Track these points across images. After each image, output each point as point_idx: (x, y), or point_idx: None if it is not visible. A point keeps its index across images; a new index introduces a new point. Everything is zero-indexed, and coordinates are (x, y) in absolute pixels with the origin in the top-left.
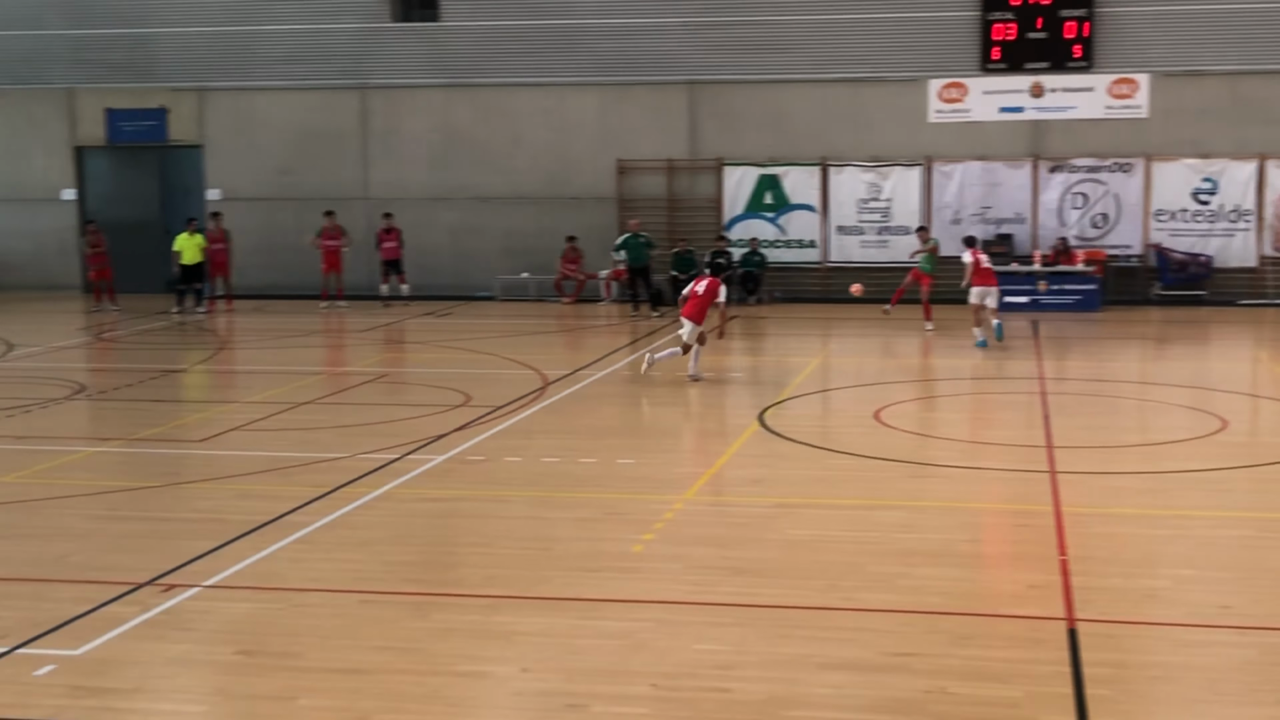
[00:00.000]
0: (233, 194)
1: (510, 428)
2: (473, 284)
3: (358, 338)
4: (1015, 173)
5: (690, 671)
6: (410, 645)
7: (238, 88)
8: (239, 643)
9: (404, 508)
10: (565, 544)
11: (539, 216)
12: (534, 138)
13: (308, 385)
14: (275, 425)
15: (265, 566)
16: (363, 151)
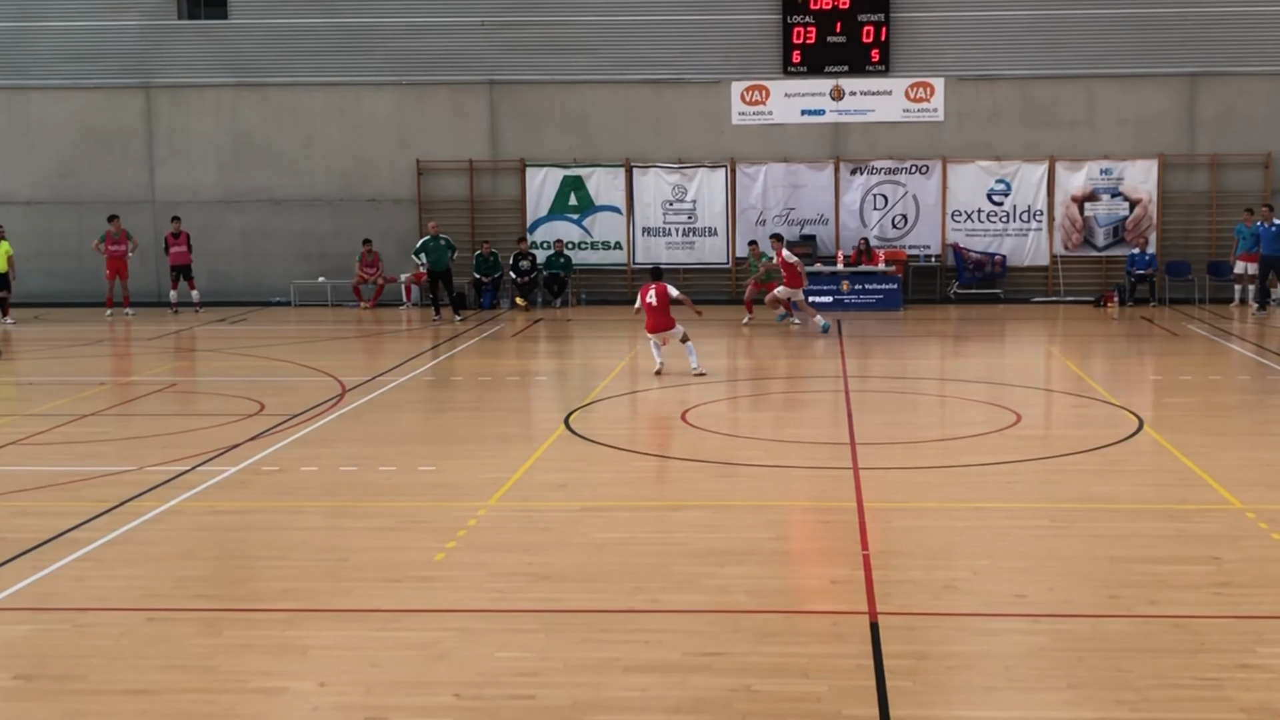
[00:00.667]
0: (7, 198)
1: (306, 436)
2: (267, 289)
3: (146, 346)
4: (817, 174)
5: (493, 680)
6: (201, 663)
7: (13, 86)
8: (16, 667)
9: (195, 521)
10: (364, 554)
11: (335, 219)
12: (328, 138)
13: (92, 396)
14: (57, 439)
15: (45, 586)
16: (148, 153)
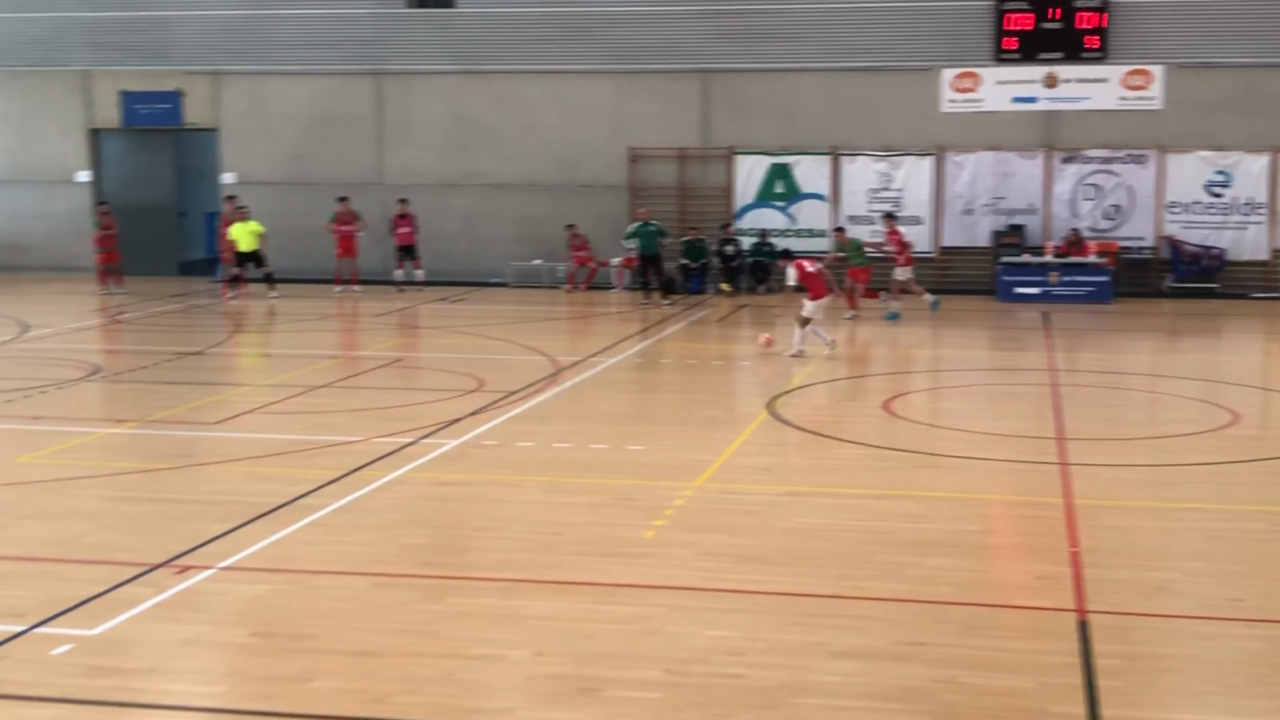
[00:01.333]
0: (248, 178)
1: (523, 413)
2: (486, 270)
3: (372, 322)
4: (1028, 163)
5: (701, 657)
6: (424, 628)
7: (253, 72)
8: (254, 624)
9: (418, 491)
10: (577, 529)
11: (551, 204)
12: (546, 125)
13: (323, 369)
14: (290, 408)
15: (280, 549)
16: (378, 137)
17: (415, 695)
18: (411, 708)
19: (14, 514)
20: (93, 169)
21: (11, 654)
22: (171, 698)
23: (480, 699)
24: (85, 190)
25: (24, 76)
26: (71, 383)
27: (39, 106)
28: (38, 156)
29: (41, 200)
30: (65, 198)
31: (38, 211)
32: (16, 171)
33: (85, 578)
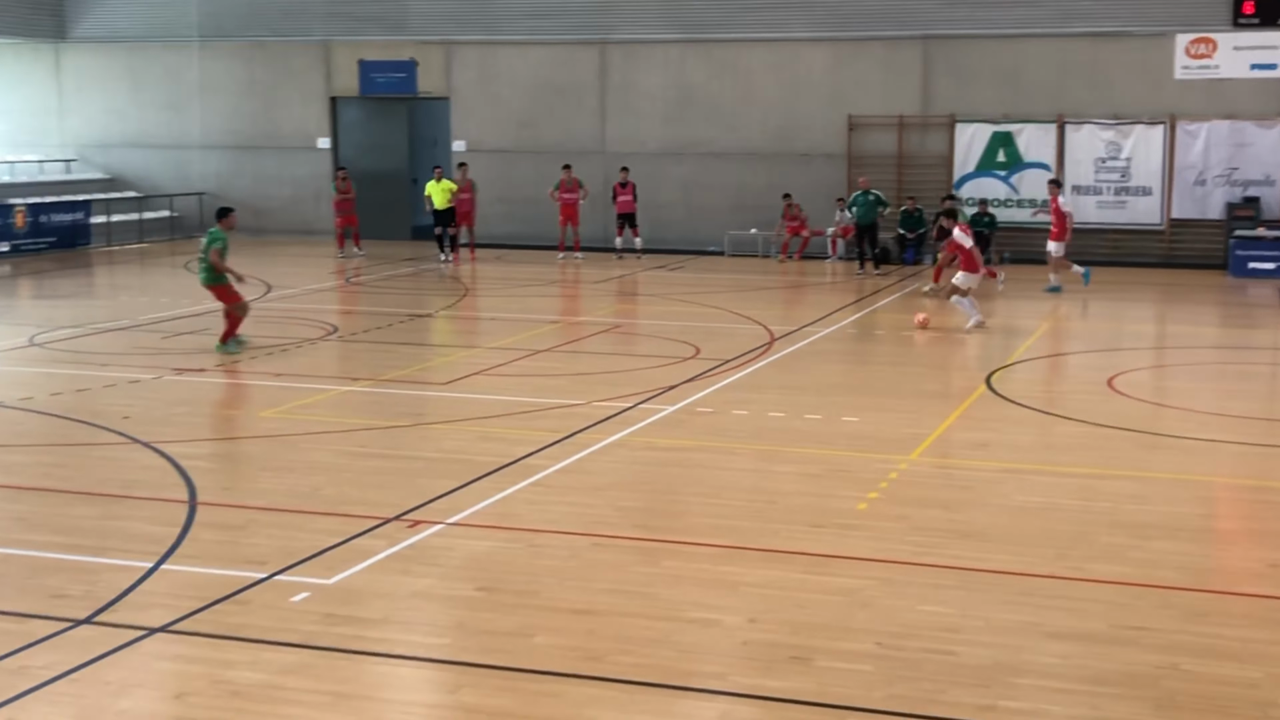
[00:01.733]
0: (476, 146)
1: (738, 381)
2: (703, 239)
3: (592, 289)
4: (1266, 133)
5: (914, 632)
6: (641, 590)
7: (483, 41)
8: (479, 579)
9: (635, 455)
10: (791, 498)
11: (768, 173)
12: (765, 94)
13: (545, 333)
14: (515, 371)
15: (504, 507)
16: (600, 106)
17: (631, 655)
18: (628, 667)
19: (257, 466)
20: (332, 136)
21: (254, 599)
22: (401, 648)
23: (695, 662)
24: (325, 156)
25: (269, 46)
26: (310, 342)
27: (283, 75)
28: (281, 124)
29: (283, 165)
30: (306, 163)
31: (280, 176)
32: (261, 138)
33: (322, 529)
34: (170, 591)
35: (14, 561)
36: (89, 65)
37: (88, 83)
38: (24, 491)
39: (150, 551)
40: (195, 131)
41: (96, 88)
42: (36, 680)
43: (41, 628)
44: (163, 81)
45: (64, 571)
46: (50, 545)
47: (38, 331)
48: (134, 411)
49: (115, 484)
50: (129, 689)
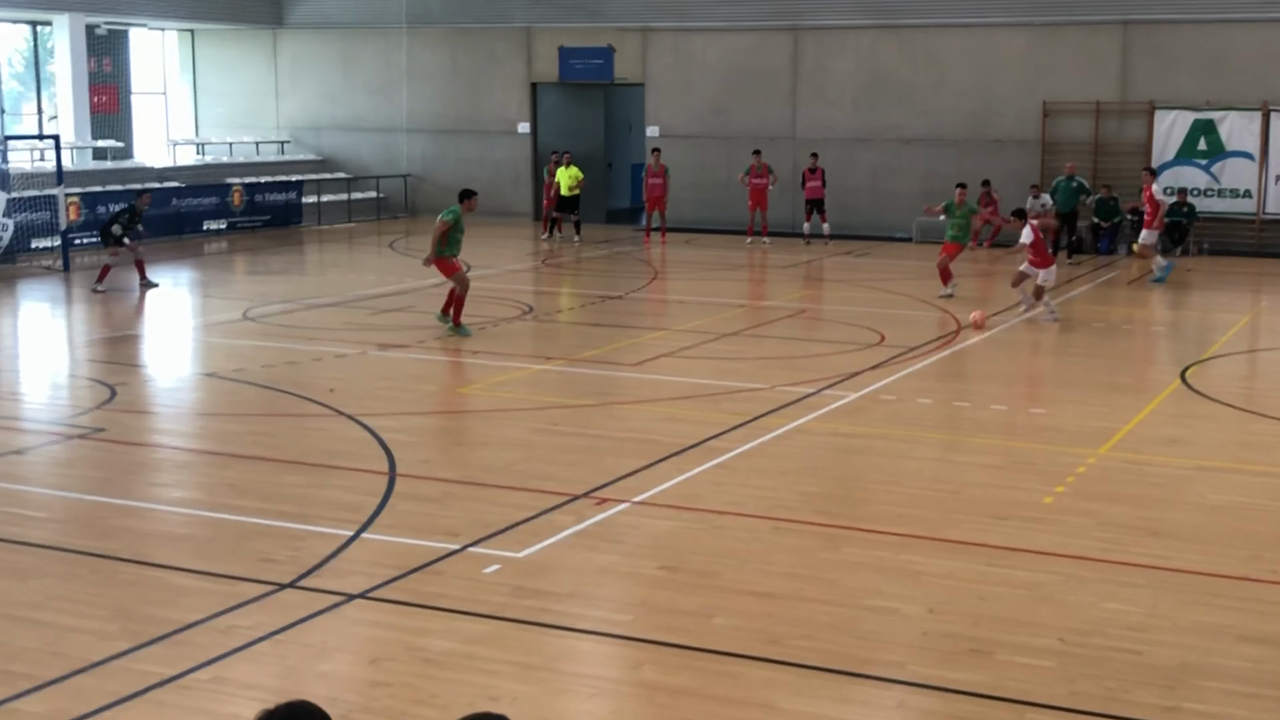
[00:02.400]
0: (669, 131)
1: (923, 369)
2: (890, 225)
3: (779, 273)
4: None
5: (1098, 629)
6: (821, 575)
7: (678, 28)
8: (662, 558)
9: (818, 441)
10: (974, 489)
11: (959, 159)
12: (958, 79)
13: (731, 317)
14: (701, 354)
15: (688, 488)
16: (792, 91)
17: (811, 640)
18: (807, 652)
19: (452, 440)
20: (531, 121)
21: (448, 570)
22: (587, 623)
23: (873, 650)
24: (525, 141)
25: (473, 34)
26: (507, 321)
27: (486, 62)
28: (483, 108)
29: (485, 149)
30: (506, 147)
31: (482, 159)
32: (465, 122)
33: (513, 503)
34: (369, 559)
35: (225, 526)
36: (304, 50)
37: (302, 67)
38: (236, 459)
39: (351, 520)
40: (402, 115)
41: (310, 72)
42: (243, 640)
43: (249, 590)
44: (372, 66)
45: (271, 537)
46: (259, 511)
47: (251, 306)
48: (339, 385)
49: (320, 454)
50: (328, 652)
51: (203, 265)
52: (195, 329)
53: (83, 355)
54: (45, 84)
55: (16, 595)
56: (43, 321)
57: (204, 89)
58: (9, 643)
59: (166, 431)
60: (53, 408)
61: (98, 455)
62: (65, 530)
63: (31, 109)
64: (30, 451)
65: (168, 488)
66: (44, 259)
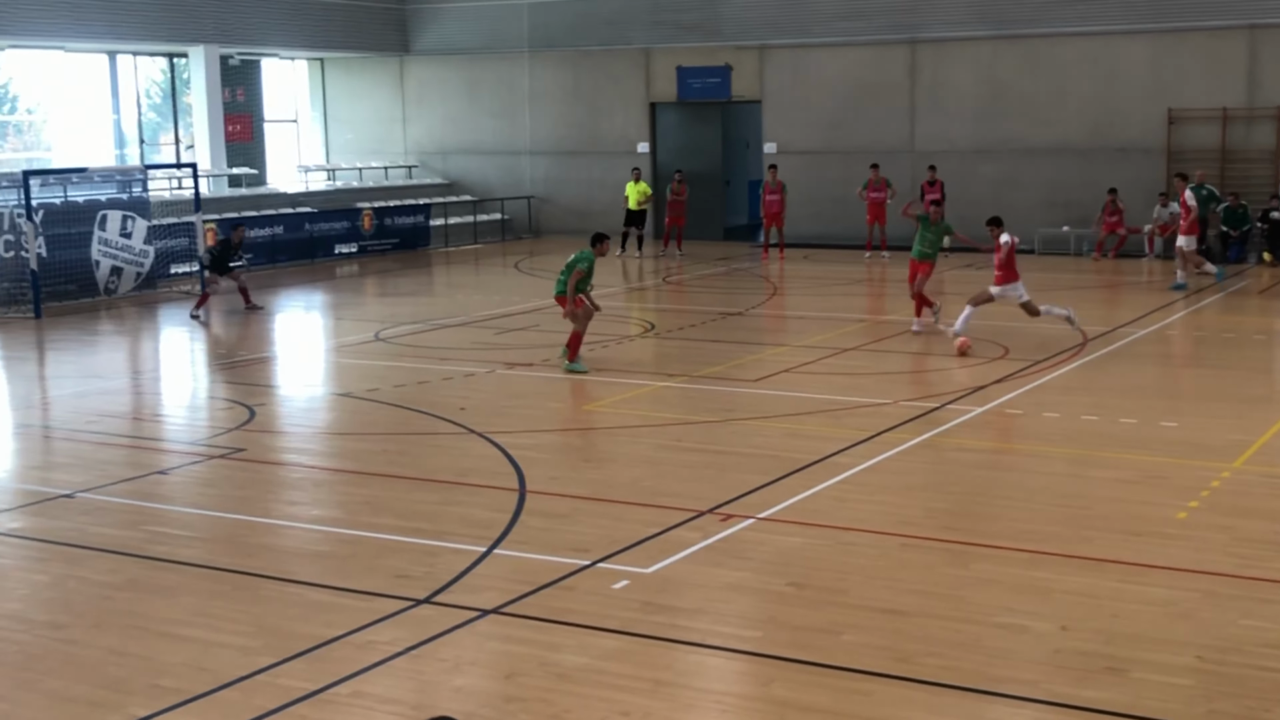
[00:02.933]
0: (787, 147)
1: (1048, 383)
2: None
3: (899, 288)
4: None
5: (1237, 647)
6: (949, 592)
7: (796, 45)
8: (789, 574)
9: (943, 456)
10: (1105, 505)
11: (1082, 168)
12: (1080, 88)
13: (851, 332)
14: (822, 369)
15: (813, 504)
16: (910, 105)
17: (940, 658)
18: (937, 670)
19: (580, 457)
20: (650, 140)
21: (579, 585)
22: (715, 639)
23: (1005, 668)
24: (644, 160)
25: (593, 56)
26: (629, 339)
27: (606, 83)
28: (603, 129)
29: (606, 169)
30: (626, 167)
31: (603, 180)
32: (585, 143)
33: (640, 519)
34: (501, 575)
35: (362, 543)
36: (429, 76)
37: (428, 93)
38: (371, 477)
39: (483, 536)
40: (525, 138)
41: (436, 98)
42: (381, 655)
43: (386, 605)
44: (496, 90)
45: (406, 553)
46: (394, 528)
47: (382, 327)
48: (469, 403)
49: (452, 471)
50: (463, 667)
51: (334, 288)
52: (329, 350)
53: (221, 377)
54: (182, 114)
55: (165, 612)
56: (182, 345)
57: (334, 116)
58: (158, 658)
59: (304, 451)
60: (193, 428)
61: (239, 475)
62: (209, 548)
63: (169, 139)
64: (174, 471)
65: (306, 506)
66: (182, 284)
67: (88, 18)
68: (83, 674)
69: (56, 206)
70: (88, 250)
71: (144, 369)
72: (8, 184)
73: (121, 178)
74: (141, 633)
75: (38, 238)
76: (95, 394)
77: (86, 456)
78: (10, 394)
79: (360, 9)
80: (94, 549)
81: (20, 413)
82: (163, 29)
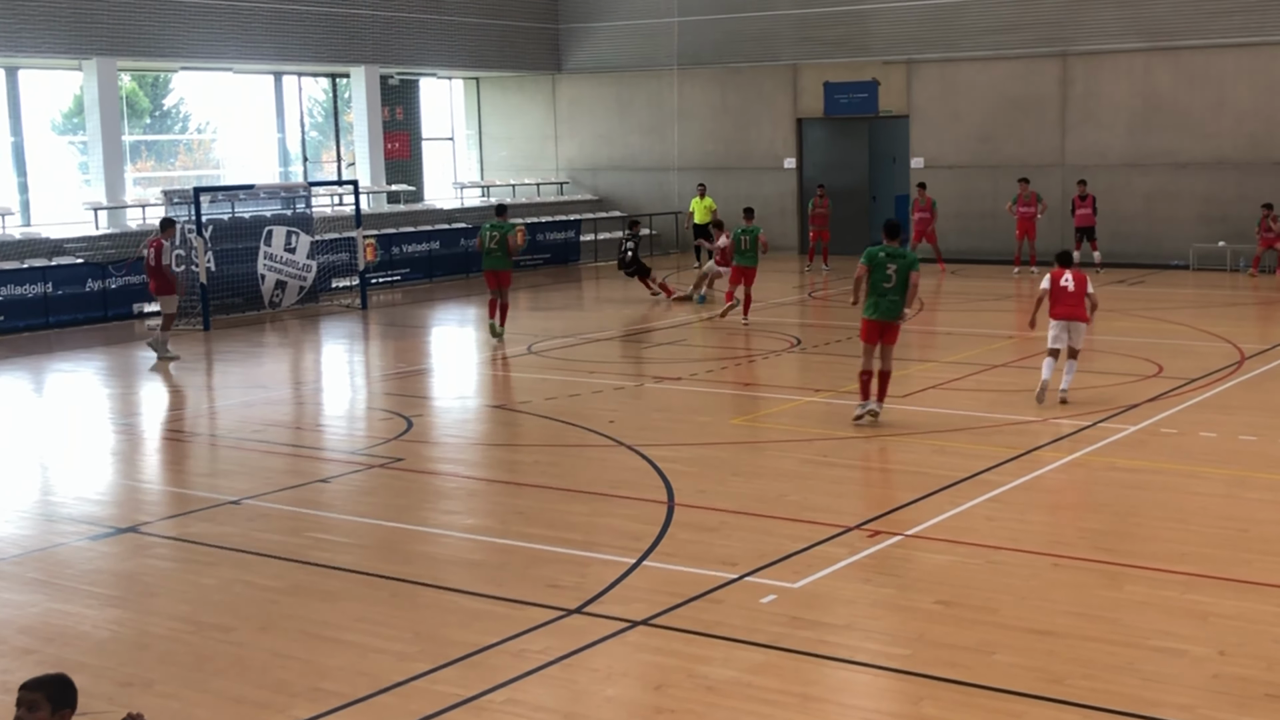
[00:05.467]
0: (934, 162)
1: (1204, 402)
2: (1166, 252)
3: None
4: None
5: None
6: (1103, 614)
7: (944, 59)
8: (938, 592)
9: (1095, 475)
10: (1264, 527)
11: (1240, 182)
12: (1238, 100)
13: (1000, 348)
14: (970, 385)
15: (961, 521)
16: (1060, 118)
17: (1094, 681)
18: (1090, 692)
19: (728, 470)
20: (797, 155)
21: (727, 598)
22: (864, 655)
23: (1161, 693)
24: (791, 175)
25: (741, 72)
26: (775, 353)
27: (754, 99)
28: (752, 144)
29: (753, 184)
30: (773, 182)
31: (750, 195)
32: (733, 159)
33: (787, 534)
34: (650, 587)
35: (515, 552)
36: (581, 94)
37: (579, 111)
38: (524, 488)
39: (633, 548)
40: (674, 154)
41: (586, 115)
42: (534, 664)
43: (538, 615)
44: (645, 107)
45: (557, 563)
46: (546, 539)
47: (535, 340)
48: (618, 416)
49: (602, 483)
50: (614, 677)
51: (487, 303)
52: (482, 363)
53: (379, 389)
54: (343, 132)
55: (326, 616)
56: (343, 357)
57: (488, 134)
58: (320, 661)
59: (459, 461)
60: (353, 438)
61: (397, 484)
62: (368, 555)
63: (330, 156)
64: (335, 480)
65: (461, 515)
66: (344, 298)
67: (255, 40)
68: (249, 675)
69: (224, 222)
70: (254, 264)
71: (306, 380)
72: (179, 200)
73: (286, 194)
74: (305, 636)
75: (207, 252)
76: (260, 403)
77: (252, 464)
78: (180, 403)
79: (515, 29)
80: (260, 554)
81: (190, 421)
82: (326, 50)
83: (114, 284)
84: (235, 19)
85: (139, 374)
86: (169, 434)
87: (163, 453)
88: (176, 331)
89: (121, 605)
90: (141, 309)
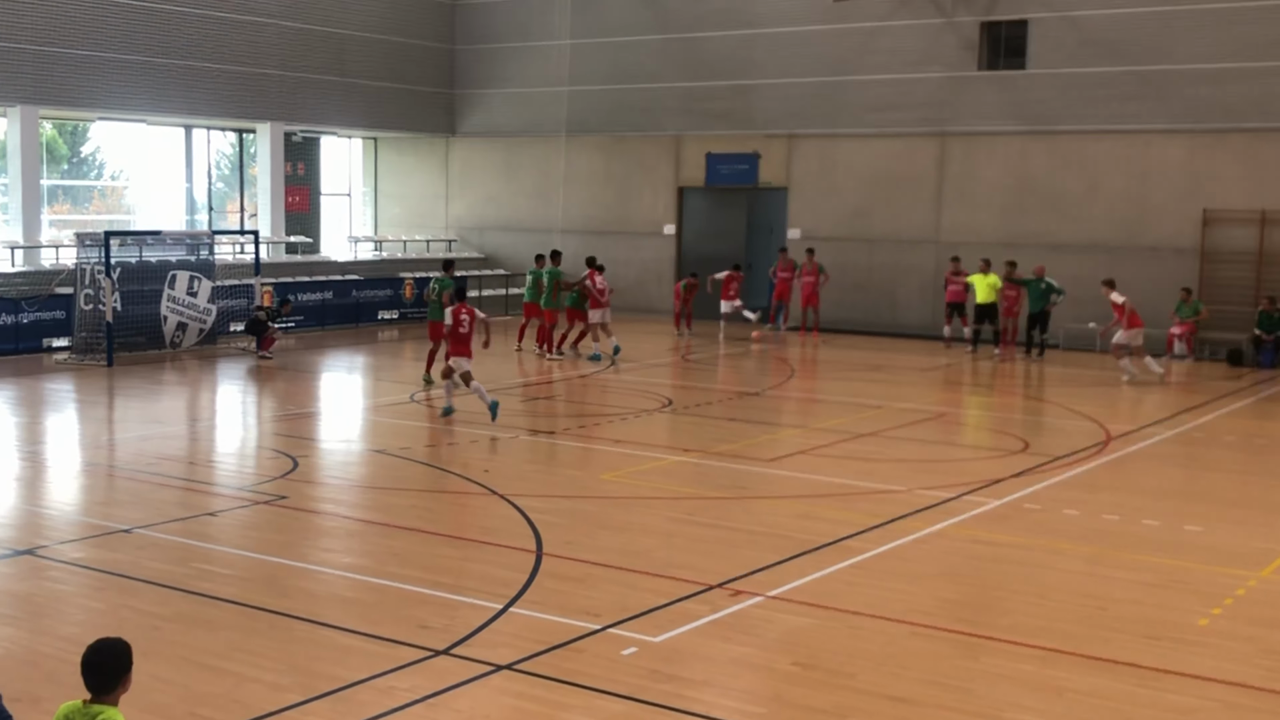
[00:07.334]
0: (811, 234)
1: (1069, 480)
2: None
3: (919, 376)
4: None
5: None
6: (958, 684)
7: (825, 134)
8: (796, 654)
9: (957, 547)
10: (1124, 606)
11: (1111, 266)
12: (1111, 185)
13: (869, 417)
14: (837, 453)
15: (823, 585)
16: (937, 195)
17: None
18: None
19: (596, 524)
20: (677, 223)
21: (589, 648)
22: (720, 711)
23: None
24: (669, 242)
25: (627, 141)
26: (648, 412)
27: (637, 167)
28: (632, 211)
29: (633, 249)
30: (652, 248)
31: (629, 259)
32: (614, 223)
33: (651, 588)
34: (516, 632)
35: (389, 592)
36: (472, 157)
37: (470, 172)
38: (400, 530)
39: (501, 594)
40: (558, 217)
41: (477, 177)
42: (401, 701)
43: (407, 654)
44: (533, 171)
45: (428, 605)
46: (418, 580)
47: (417, 390)
48: (493, 466)
49: (475, 529)
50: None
51: (376, 351)
52: (366, 409)
53: (270, 429)
54: (247, 185)
55: (205, 644)
56: (237, 397)
57: (383, 191)
58: (197, 688)
59: (340, 501)
60: (242, 475)
61: (280, 520)
62: (249, 587)
63: (234, 207)
64: (222, 514)
65: (339, 554)
66: (240, 341)
67: (169, 94)
68: (129, 697)
69: (132, 265)
70: (157, 306)
71: (201, 417)
72: (90, 243)
73: (191, 241)
74: (184, 663)
75: (114, 293)
76: (157, 438)
77: (145, 495)
78: (81, 434)
79: (412, 93)
80: (146, 581)
81: (89, 452)
82: (234, 106)
83: (25, 319)
84: (150, 74)
85: (45, 405)
86: (69, 463)
87: (63, 481)
88: (80, 367)
89: (14, 624)
90: (50, 344)
